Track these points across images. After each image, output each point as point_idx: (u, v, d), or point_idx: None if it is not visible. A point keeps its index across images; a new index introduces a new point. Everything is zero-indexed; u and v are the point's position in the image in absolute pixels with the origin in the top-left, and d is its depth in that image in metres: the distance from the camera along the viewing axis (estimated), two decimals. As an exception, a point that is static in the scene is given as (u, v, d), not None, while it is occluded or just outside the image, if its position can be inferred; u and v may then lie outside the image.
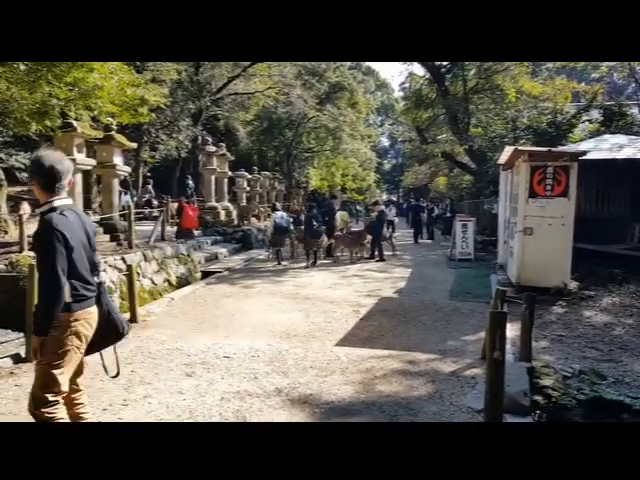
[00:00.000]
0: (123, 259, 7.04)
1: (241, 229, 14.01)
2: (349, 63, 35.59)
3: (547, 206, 6.93)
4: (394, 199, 49.33)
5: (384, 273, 9.84)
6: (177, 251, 8.84)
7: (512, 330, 5.08)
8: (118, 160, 8.76)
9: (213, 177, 13.92)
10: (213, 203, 14.02)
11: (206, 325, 5.67)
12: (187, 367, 4.10)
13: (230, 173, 15.27)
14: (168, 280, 8.09)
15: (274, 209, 11.23)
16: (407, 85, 33.54)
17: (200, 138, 16.90)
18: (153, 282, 7.61)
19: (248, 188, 17.32)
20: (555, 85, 17.13)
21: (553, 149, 6.99)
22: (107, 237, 8.15)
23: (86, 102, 5.62)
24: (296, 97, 21.19)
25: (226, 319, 5.96)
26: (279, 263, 10.46)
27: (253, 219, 17.15)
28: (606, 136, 10.45)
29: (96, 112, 6.50)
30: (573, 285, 7.23)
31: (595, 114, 14.93)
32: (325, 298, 7.23)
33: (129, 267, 5.67)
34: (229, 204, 15.31)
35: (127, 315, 5.79)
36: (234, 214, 15.15)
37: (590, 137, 12.19)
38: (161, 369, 4.05)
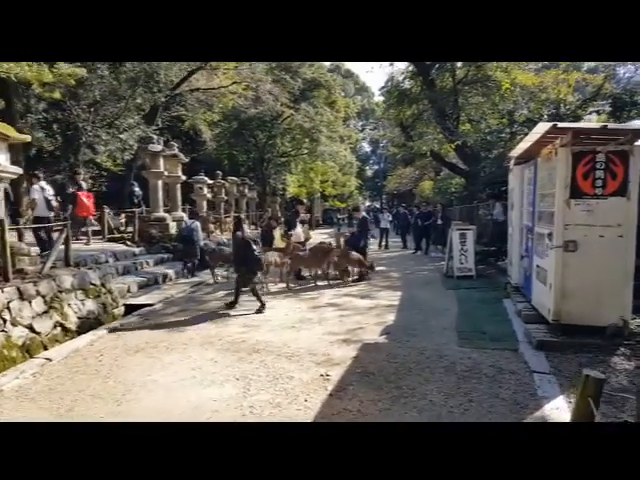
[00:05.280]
0: (-25, 301, 4.67)
1: (195, 244, 11.61)
2: (328, 63, 33.63)
3: (597, 209, 4.83)
4: (377, 205, 47.37)
5: (367, 299, 7.63)
6: (83, 280, 6.43)
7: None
8: (1, 158, 6.37)
9: (160, 182, 11.51)
10: (160, 213, 11.57)
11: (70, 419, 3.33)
12: None
13: (184, 177, 12.86)
14: (62, 325, 5.68)
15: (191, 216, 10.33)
16: (387, 88, 31.60)
17: (158, 140, 14.56)
18: (33, 330, 5.21)
19: (209, 195, 14.96)
20: (553, 75, 15.30)
21: (610, 125, 4.92)
22: (-24, 264, 5.74)
23: None
24: (267, 94, 18.95)
25: (110, 404, 3.63)
26: (188, 276, 9.66)
27: (217, 232, 14.81)
28: (637, 122, 8.52)
29: None
30: (634, 323, 5.13)
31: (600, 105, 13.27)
32: (281, 349, 4.96)
33: None
34: (183, 214, 12.90)
35: None
36: (189, 226, 12.75)
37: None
38: None
